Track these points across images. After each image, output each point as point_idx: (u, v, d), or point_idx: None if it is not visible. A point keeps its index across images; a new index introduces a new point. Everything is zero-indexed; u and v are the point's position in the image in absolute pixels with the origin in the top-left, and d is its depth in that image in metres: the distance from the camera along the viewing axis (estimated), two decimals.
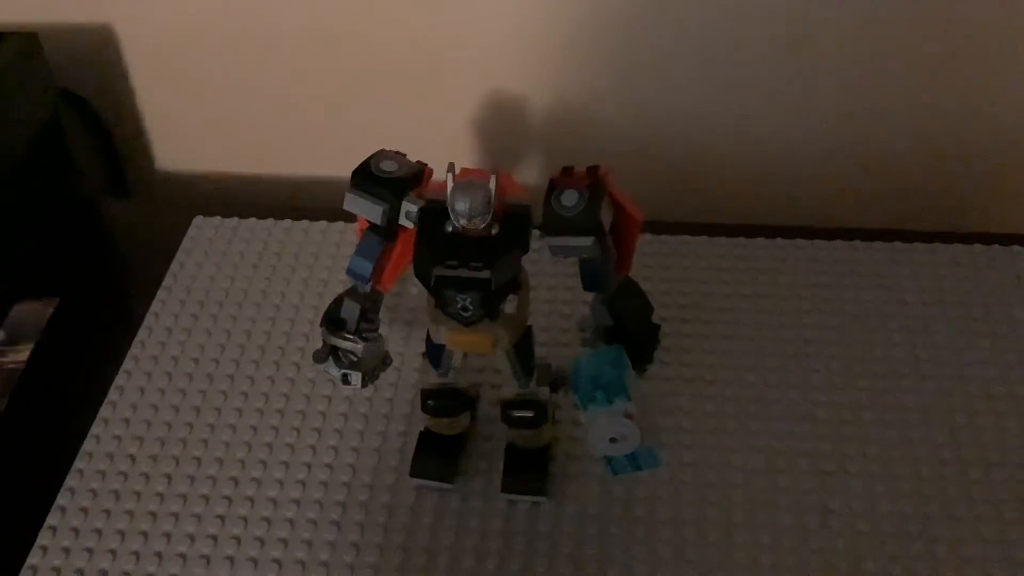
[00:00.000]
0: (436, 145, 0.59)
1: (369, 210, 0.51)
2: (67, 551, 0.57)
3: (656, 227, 0.74)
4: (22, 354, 0.68)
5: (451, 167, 0.48)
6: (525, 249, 0.50)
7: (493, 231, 0.49)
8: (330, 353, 0.54)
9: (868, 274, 0.71)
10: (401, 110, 0.82)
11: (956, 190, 0.82)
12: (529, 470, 0.58)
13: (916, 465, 0.59)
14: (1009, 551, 0.55)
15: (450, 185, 0.48)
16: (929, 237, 0.74)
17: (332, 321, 0.53)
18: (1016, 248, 0.73)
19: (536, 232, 0.50)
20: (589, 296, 0.54)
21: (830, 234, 0.74)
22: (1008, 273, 0.71)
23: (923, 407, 0.63)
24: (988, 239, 0.73)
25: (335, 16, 0.77)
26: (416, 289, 0.70)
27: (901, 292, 0.70)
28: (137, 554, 0.57)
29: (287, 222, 0.77)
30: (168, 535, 0.57)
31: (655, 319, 0.55)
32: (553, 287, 0.70)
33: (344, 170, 0.52)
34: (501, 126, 0.82)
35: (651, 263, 0.72)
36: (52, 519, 0.58)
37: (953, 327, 0.67)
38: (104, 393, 0.65)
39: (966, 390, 0.63)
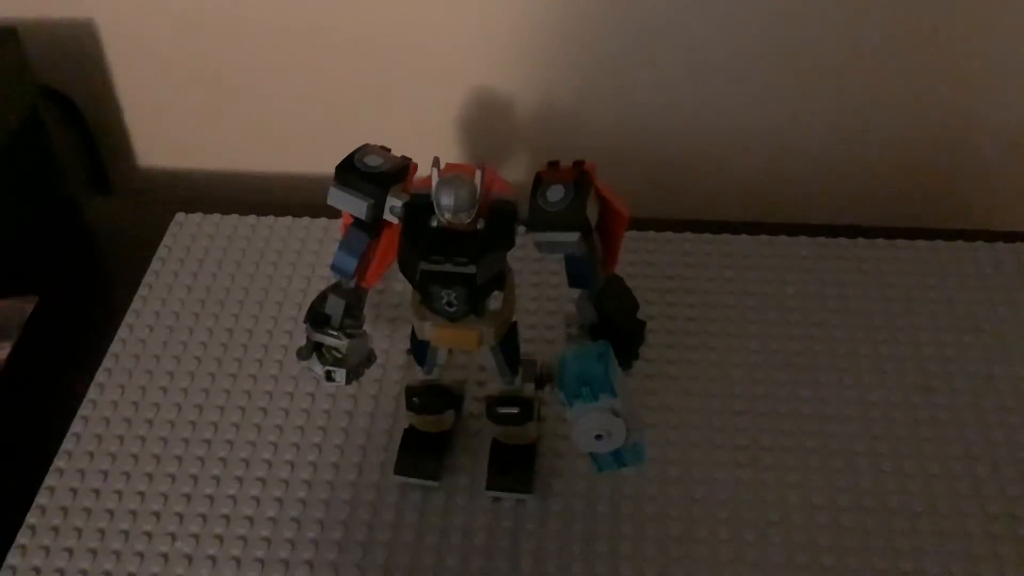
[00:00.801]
0: (420, 141, 0.59)
1: (353, 205, 0.50)
2: (47, 550, 0.56)
3: (640, 224, 0.74)
4: (2, 352, 0.67)
5: (436, 161, 0.48)
6: (510, 244, 0.49)
7: (478, 226, 0.48)
8: (314, 350, 0.53)
9: (851, 270, 0.71)
10: (385, 106, 0.81)
11: (951, 187, 0.82)
12: (514, 467, 0.58)
13: (902, 460, 0.60)
14: (994, 546, 0.55)
15: (435, 180, 0.48)
16: (913, 234, 0.74)
17: (316, 317, 0.53)
18: (1019, 245, 0.73)
19: (521, 228, 0.50)
20: (574, 292, 0.54)
21: (813, 230, 0.75)
22: (1009, 270, 0.71)
23: (910, 404, 0.63)
24: (988, 236, 0.74)
25: (318, 11, 0.77)
26: (400, 286, 0.69)
27: (884, 288, 0.70)
28: (118, 553, 0.56)
29: (269, 218, 0.77)
30: (149, 534, 0.57)
31: (640, 316, 0.55)
32: (538, 284, 0.70)
33: (327, 167, 0.52)
34: (486, 122, 0.82)
35: (635, 259, 0.72)
36: (32, 518, 0.58)
37: (939, 323, 0.67)
38: (84, 391, 0.64)
39: (955, 386, 0.64)
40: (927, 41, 0.74)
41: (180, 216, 0.77)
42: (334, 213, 0.52)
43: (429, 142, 0.81)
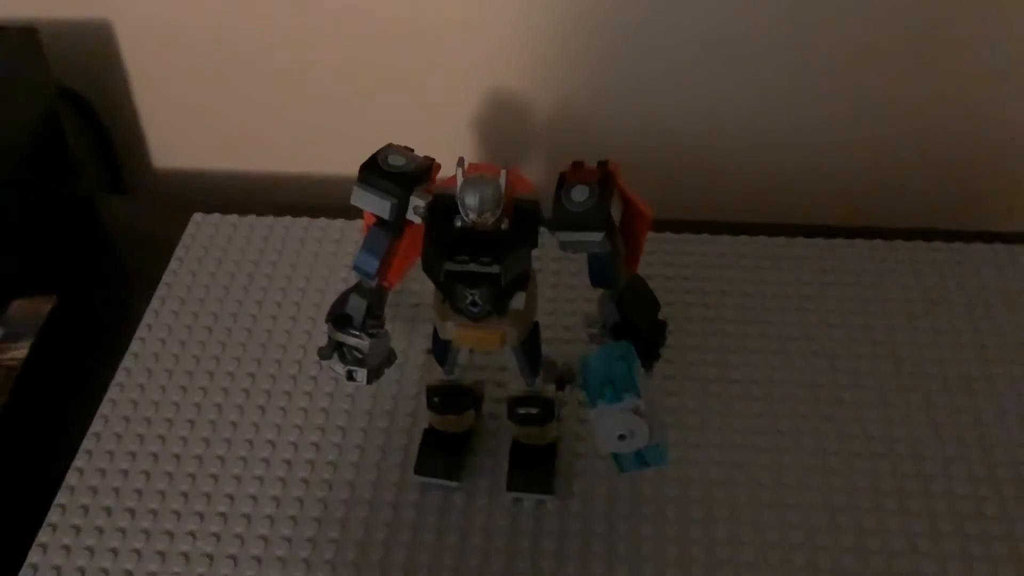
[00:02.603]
0: (439, 142, 0.59)
1: (377, 204, 0.50)
2: (68, 549, 0.56)
3: (658, 225, 0.73)
4: (20, 351, 0.68)
5: (461, 161, 0.48)
6: (534, 244, 0.49)
7: (503, 226, 0.48)
8: (335, 349, 0.53)
9: (870, 272, 0.71)
10: (402, 107, 0.81)
11: (969, 188, 0.82)
12: (535, 468, 0.58)
13: (921, 463, 0.59)
14: (1017, 548, 0.55)
15: (460, 180, 0.48)
16: (930, 235, 0.74)
17: (337, 317, 0.53)
18: (1017, 247, 0.73)
19: (543, 228, 0.50)
20: (594, 294, 0.54)
21: (831, 232, 0.74)
22: (1009, 271, 0.71)
23: (929, 405, 0.63)
24: (1006, 238, 0.73)
25: (336, 12, 0.77)
26: (419, 286, 0.69)
27: (904, 290, 0.70)
28: (139, 552, 0.56)
29: (287, 219, 0.77)
30: (170, 533, 0.57)
31: (660, 316, 0.55)
32: (557, 284, 0.70)
33: (344, 167, 0.52)
34: (503, 122, 0.82)
35: (654, 260, 0.71)
36: (52, 517, 0.58)
37: (957, 325, 0.67)
38: (104, 391, 0.65)
39: (971, 388, 0.63)
40: (947, 40, 0.74)
41: (198, 216, 0.77)
42: (351, 214, 0.52)
43: (446, 142, 0.81)
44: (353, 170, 0.51)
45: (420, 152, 0.53)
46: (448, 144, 0.81)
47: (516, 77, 0.79)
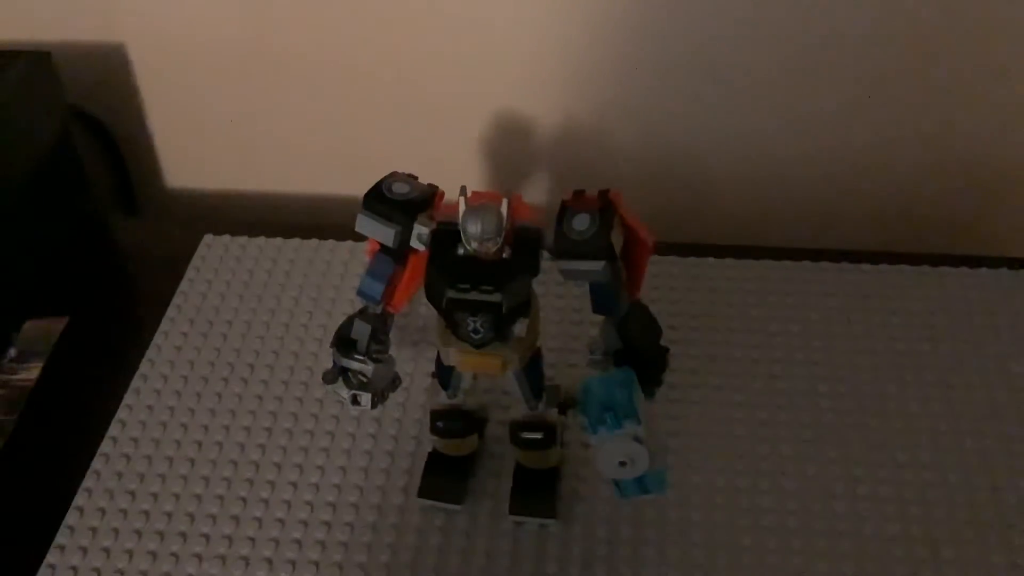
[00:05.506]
0: (445, 166, 0.60)
1: (381, 232, 0.51)
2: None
3: (664, 249, 0.74)
4: (32, 371, 0.68)
5: (463, 190, 0.48)
6: (535, 272, 0.50)
7: (504, 254, 0.49)
8: (340, 374, 0.54)
9: (875, 296, 0.71)
10: (410, 131, 0.82)
11: (975, 214, 0.82)
12: (537, 492, 0.58)
13: (924, 489, 0.59)
14: (1012, 573, 0.55)
15: (462, 208, 0.48)
16: (937, 260, 0.74)
17: (342, 342, 0.54)
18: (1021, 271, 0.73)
19: (546, 255, 0.50)
20: (597, 318, 0.54)
21: (836, 256, 0.75)
22: (1016, 295, 0.71)
23: (932, 430, 0.63)
24: (1011, 263, 0.73)
25: (345, 36, 0.78)
26: (425, 310, 0.70)
27: (909, 315, 0.70)
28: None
29: (296, 241, 0.77)
30: (176, 556, 0.57)
31: (663, 342, 0.56)
32: (561, 308, 0.71)
33: (353, 189, 0.52)
34: (511, 148, 0.82)
35: (658, 284, 0.72)
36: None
37: (961, 348, 0.67)
38: (114, 410, 0.65)
39: (975, 412, 0.63)
40: (954, 68, 0.74)
41: (208, 238, 0.78)
42: (360, 236, 0.53)
43: (453, 165, 0.82)
44: (362, 191, 0.51)
45: (428, 176, 0.53)
46: (454, 166, 0.82)
47: (524, 102, 0.80)
